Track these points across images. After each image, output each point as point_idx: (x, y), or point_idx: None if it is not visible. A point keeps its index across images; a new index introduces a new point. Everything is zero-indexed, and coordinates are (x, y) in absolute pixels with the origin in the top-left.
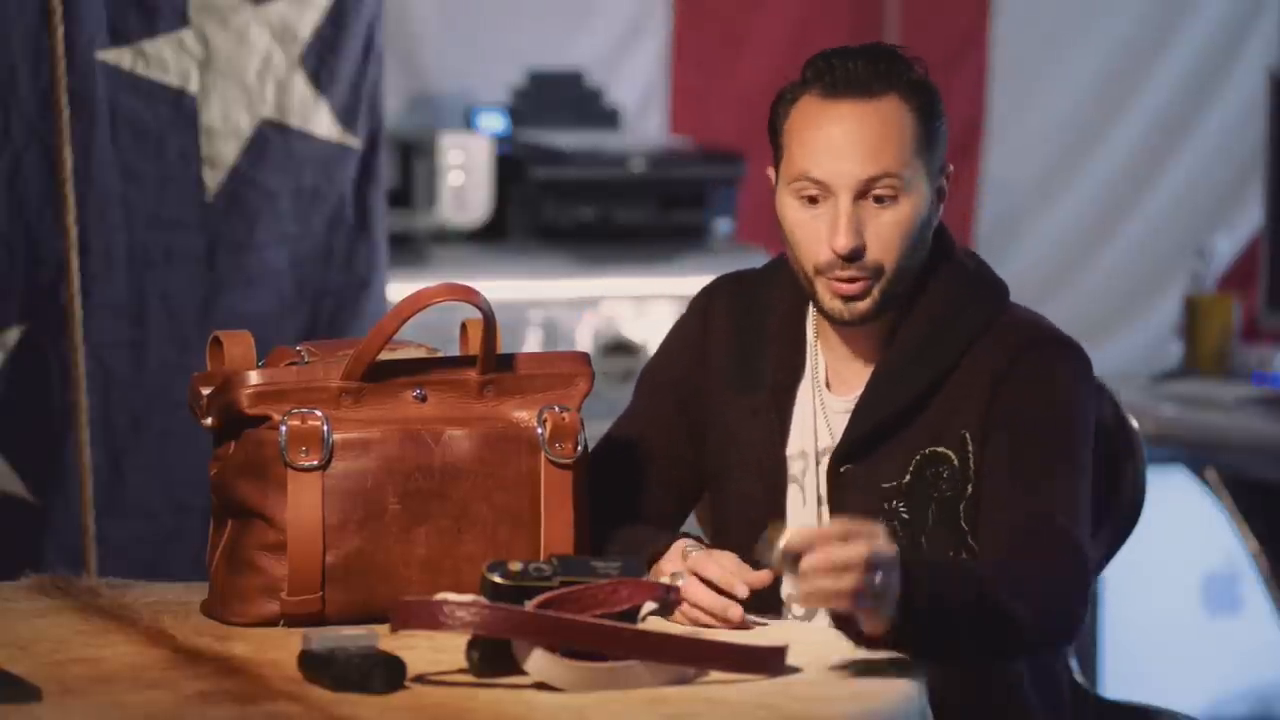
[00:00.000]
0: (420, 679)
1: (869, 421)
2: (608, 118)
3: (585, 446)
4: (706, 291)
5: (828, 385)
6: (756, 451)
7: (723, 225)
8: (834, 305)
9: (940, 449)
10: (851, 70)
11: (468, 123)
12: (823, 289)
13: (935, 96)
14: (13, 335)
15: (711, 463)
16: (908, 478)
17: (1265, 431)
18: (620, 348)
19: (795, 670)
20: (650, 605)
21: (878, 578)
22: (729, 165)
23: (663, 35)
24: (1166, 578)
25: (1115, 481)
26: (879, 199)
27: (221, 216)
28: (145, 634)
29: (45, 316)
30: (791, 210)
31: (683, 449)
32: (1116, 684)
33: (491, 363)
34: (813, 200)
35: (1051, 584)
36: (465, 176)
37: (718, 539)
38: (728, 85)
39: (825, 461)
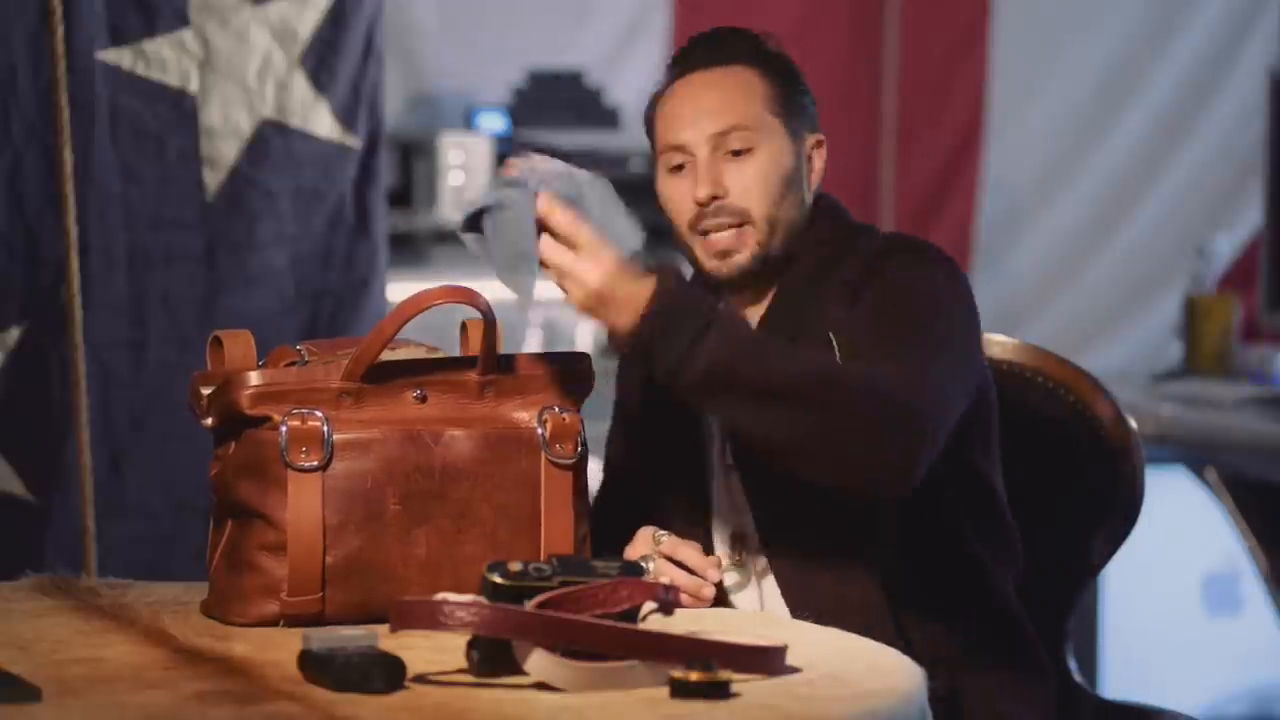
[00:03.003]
0: (420, 679)
1: None
2: (608, 118)
3: (585, 447)
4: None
5: None
6: (679, 431)
7: None
8: (712, 264)
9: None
10: (695, 50)
11: (468, 123)
12: (700, 250)
13: (789, 65)
14: (13, 335)
15: (635, 447)
16: None
17: (1265, 431)
18: None
19: (795, 670)
20: (650, 605)
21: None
22: None
23: (663, 35)
24: (1166, 578)
25: (1115, 481)
26: (736, 153)
27: (221, 216)
28: (145, 634)
29: (45, 316)
30: (663, 185)
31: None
32: (1116, 684)
33: (492, 363)
34: (679, 169)
35: (877, 376)
36: (465, 176)
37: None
38: None
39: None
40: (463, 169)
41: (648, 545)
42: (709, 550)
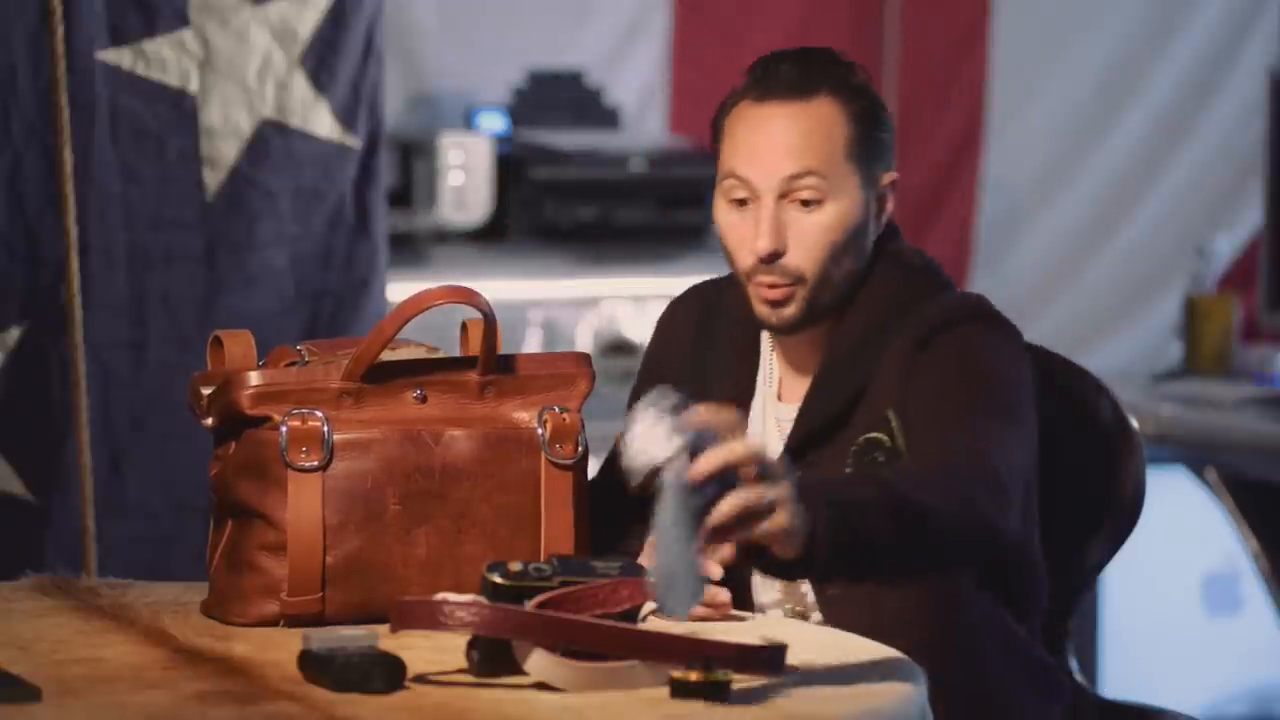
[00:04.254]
0: (420, 679)
1: (804, 430)
2: (608, 118)
3: (586, 447)
4: (671, 303)
5: (779, 395)
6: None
7: None
8: (762, 310)
9: (873, 434)
10: (783, 72)
11: (468, 123)
12: (753, 294)
13: (876, 103)
14: (13, 335)
15: None
16: (848, 469)
17: (1265, 431)
18: (620, 348)
19: (795, 670)
20: (650, 605)
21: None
22: None
23: (663, 35)
24: (1166, 578)
25: (1115, 481)
26: (805, 202)
27: (221, 216)
28: (145, 634)
29: (45, 316)
30: (722, 213)
31: None
32: (1116, 684)
33: (492, 363)
34: (741, 203)
35: (964, 485)
36: (465, 176)
37: None
38: (728, 85)
39: None
40: (463, 169)
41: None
42: (748, 578)
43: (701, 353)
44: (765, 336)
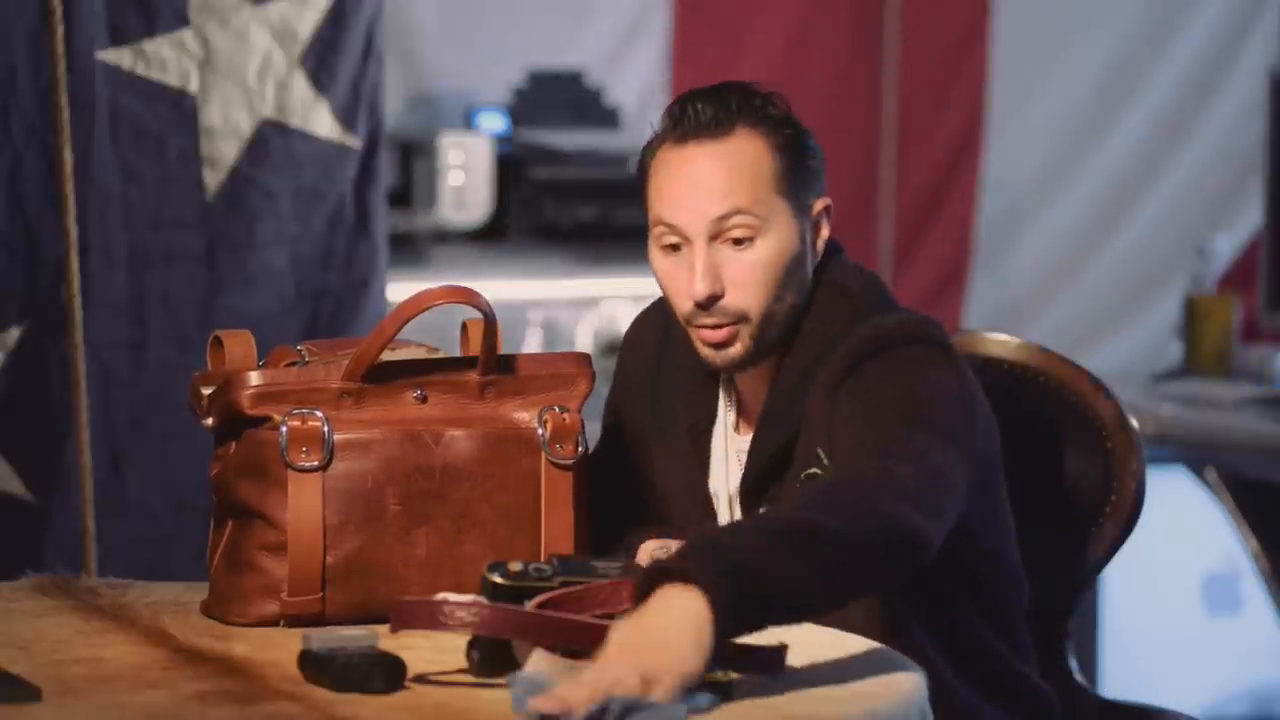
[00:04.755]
0: (420, 679)
1: (755, 468)
2: (608, 118)
3: (586, 447)
4: (635, 319)
5: (736, 427)
6: (681, 493)
7: None
8: (706, 353)
9: (812, 470)
10: (699, 112)
11: (468, 123)
12: (695, 338)
13: (799, 132)
14: (13, 335)
15: (645, 493)
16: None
17: (1265, 431)
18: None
19: (795, 670)
20: None
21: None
22: None
23: (663, 35)
24: (1166, 578)
25: (1115, 481)
26: (737, 241)
27: (221, 216)
28: (145, 634)
29: (45, 316)
30: (656, 261)
31: (624, 482)
32: (1116, 684)
33: (492, 363)
34: (674, 248)
35: (863, 493)
36: (465, 176)
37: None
38: None
39: (737, 504)
40: (463, 169)
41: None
42: None
43: (659, 379)
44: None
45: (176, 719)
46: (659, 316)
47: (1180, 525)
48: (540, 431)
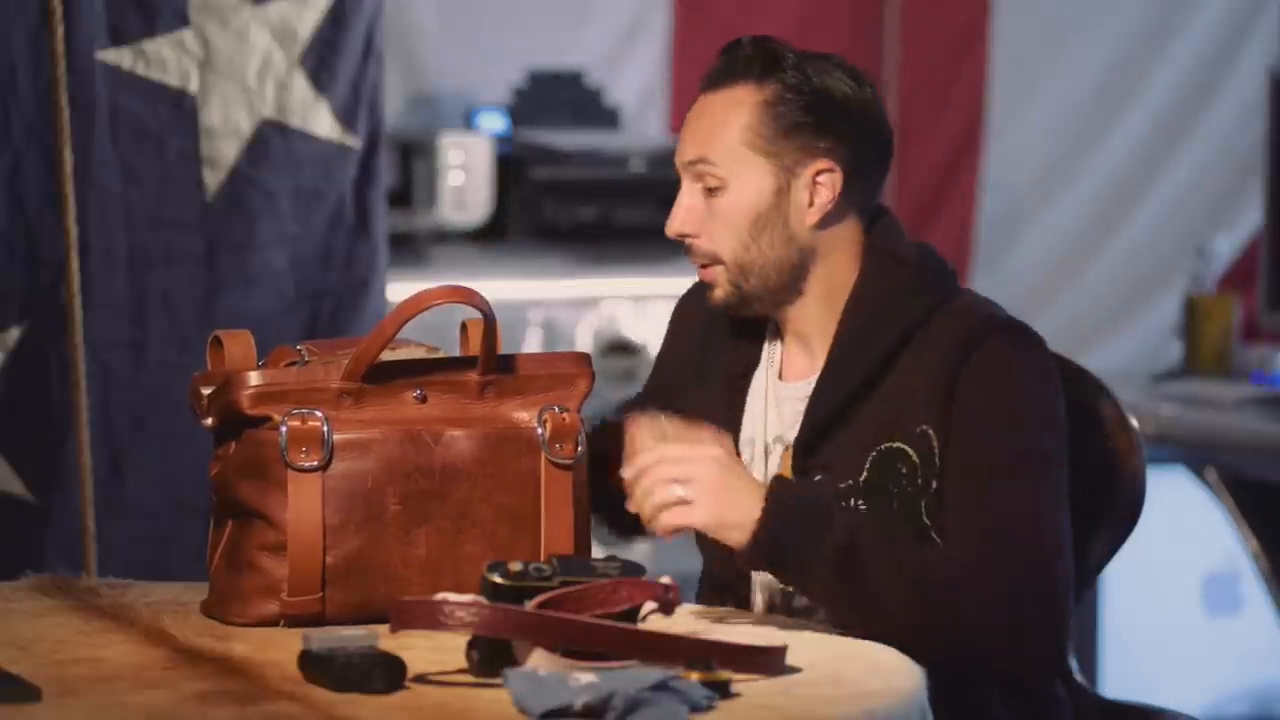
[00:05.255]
0: (420, 679)
1: (819, 413)
2: (608, 118)
3: (586, 447)
4: (687, 291)
5: (780, 375)
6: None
7: None
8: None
9: (897, 444)
10: (714, 65)
11: (468, 123)
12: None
13: (807, 91)
14: (13, 335)
15: None
16: (865, 475)
17: (1265, 431)
18: (620, 348)
19: (795, 670)
20: (650, 605)
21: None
22: None
23: (663, 35)
24: (1166, 578)
25: (1115, 481)
26: (710, 189)
27: (221, 216)
28: (145, 634)
29: (45, 316)
30: None
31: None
32: (1116, 684)
33: (492, 363)
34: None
35: (947, 605)
36: (465, 176)
37: None
38: None
39: (777, 450)
40: (463, 169)
41: (654, 434)
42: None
43: (709, 335)
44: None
45: (176, 719)
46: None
47: (1180, 525)
48: (540, 431)
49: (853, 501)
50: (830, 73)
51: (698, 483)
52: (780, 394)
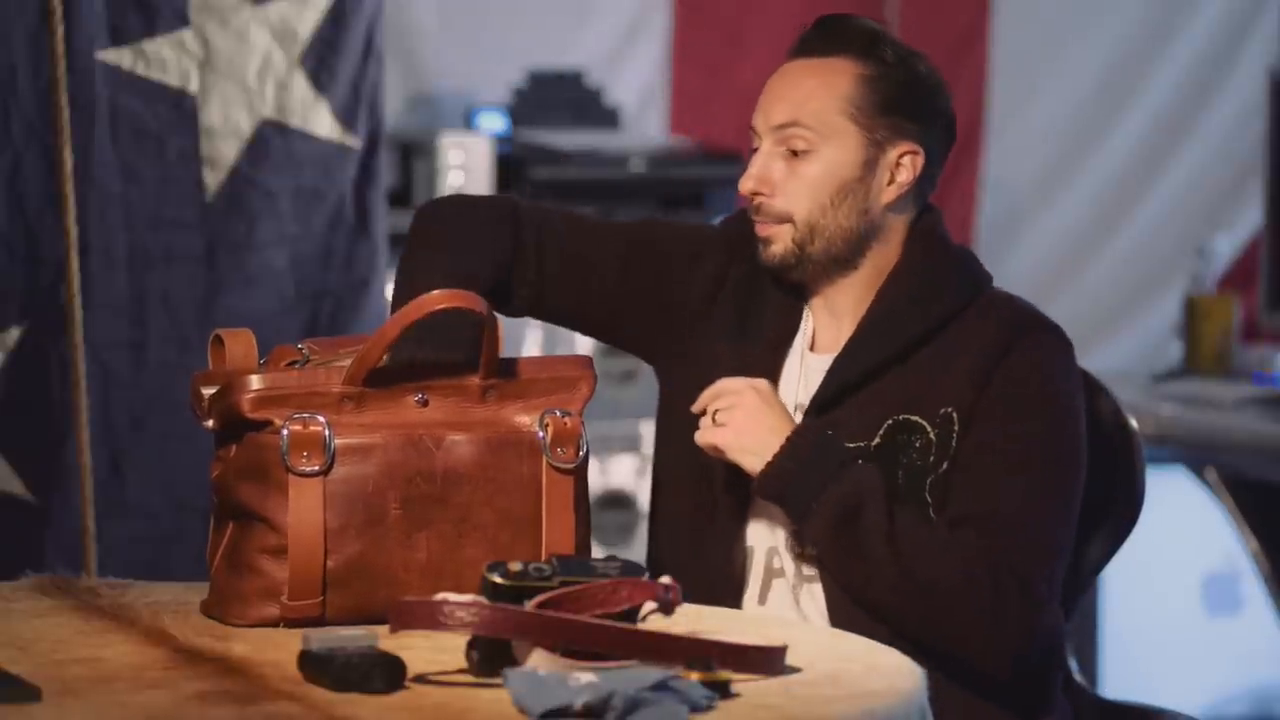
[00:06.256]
0: (420, 679)
1: (838, 378)
2: (608, 118)
3: (587, 451)
4: (740, 223)
5: (812, 346)
6: None
7: None
8: (759, 247)
9: (914, 418)
10: (811, 33)
11: (468, 123)
12: (755, 230)
13: (903, 74)
14: (13, 335)
15: (684, 390)
16: (877, 440)
17: (1265, 431)
18: None
19: (795, 670)
20: (650, 605)
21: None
22: (729, 165)
23: (663, 35)
24: (1166, 578)
25: (1115, 481)
26: (795, 152)
27: (221, 216)
28: (145, 634)
29: (45, 316)
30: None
31: (616, 279)
32: (1116, 684)
33: (493, 367)
34: (755, 150)
35: (983, 628)
36: (465, 176)
37: (667, 483)
38: (728, 85)
39: (797, 417)
40: (463, 169)
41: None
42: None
43: (749, 295)
44: (808, 289)
45: (176, 719)
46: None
47: (1180, 525)
48: (541, 435)
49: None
50: (922, 60)
51: (734, 410)
52: (809, 364)
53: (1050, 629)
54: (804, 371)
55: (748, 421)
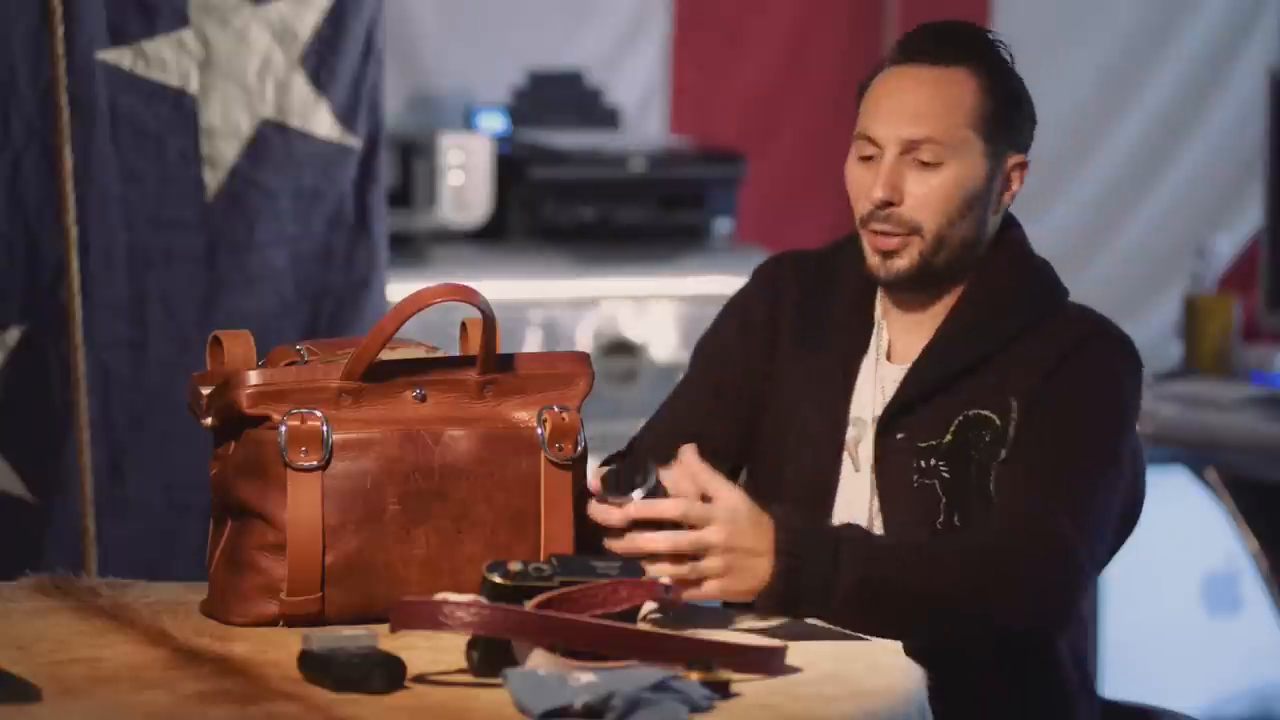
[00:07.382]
0: (420, 679)
1: (914, 385)
2: (608, 118)
3: (585, 446)
4: (775, 260)
5: (888, 356)
6: (818, 414)
7: (722, 225)
8: (874, 261)
9: (984, 412)
10: (926, 40)
11: (468, 123)
12: (867, 244)
13: (1013, 82)
14: (13, 335)
15: (766, 427)
16: (949, 437)
17: (1265, 431)
18: (620, 348)
19: (795, 670)
20: (650, 605)
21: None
22: (729, 165)
23: (663, 35)
24: (1166, 578)
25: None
26: (924, 163)
27: (221, 216)
28: (145, 634)
29: (45, 316)
30: (850, 168)
31: (714, 421)
32: (1116, 684)
33: (491, 363)
34: (869, 160)
35: (1023, 574)
36: (465, 176)
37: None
38: (728, 85)
39: (871, 428)
40: (463, 169)
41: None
42: None
43: (816, 305)
44: (879, 300)
45: (176, 719)
46: (801, 263)
47: (1180, 525)
48: (540, 431)
49: (932, 462)
50: (1014, 66)
51: (706, 559)
52: (886, 375)
53: (1085, 594)
54: (879, 381)
55: (729, 569)
